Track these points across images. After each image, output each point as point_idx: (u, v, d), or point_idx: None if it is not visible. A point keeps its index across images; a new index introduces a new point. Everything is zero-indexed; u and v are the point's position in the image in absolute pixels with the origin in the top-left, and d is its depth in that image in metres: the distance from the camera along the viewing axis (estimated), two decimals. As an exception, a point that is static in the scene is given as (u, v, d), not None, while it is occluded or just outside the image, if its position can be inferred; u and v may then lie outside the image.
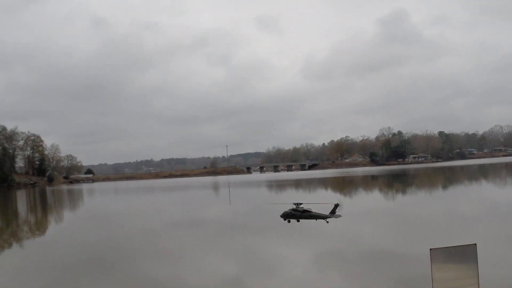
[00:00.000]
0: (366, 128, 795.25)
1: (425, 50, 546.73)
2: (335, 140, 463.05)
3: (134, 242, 33.64)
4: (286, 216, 30.47)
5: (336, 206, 30.01)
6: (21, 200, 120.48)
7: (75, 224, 53.80)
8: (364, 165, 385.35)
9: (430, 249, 14.34)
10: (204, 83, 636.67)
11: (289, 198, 75.17)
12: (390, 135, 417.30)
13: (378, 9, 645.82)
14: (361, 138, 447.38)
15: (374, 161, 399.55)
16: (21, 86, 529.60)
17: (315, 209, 31.60)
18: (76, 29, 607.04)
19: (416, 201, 61.12)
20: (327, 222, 28.91)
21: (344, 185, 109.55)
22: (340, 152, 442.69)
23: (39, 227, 51.69)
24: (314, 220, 29.71)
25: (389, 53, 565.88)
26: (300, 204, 30.93)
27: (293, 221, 31.15)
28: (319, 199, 68.13)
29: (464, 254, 15.06)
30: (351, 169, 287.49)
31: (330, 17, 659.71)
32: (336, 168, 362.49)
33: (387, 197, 70.32)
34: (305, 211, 30.45)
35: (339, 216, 29.26)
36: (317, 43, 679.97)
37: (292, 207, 31.03)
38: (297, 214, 30.26)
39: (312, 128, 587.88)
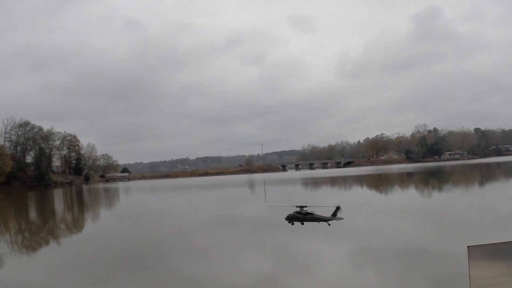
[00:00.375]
0: (400, 126, 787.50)
1: (459, 46, 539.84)
2: (370, 137, 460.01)
3: (170, 240, 33.75)
4: (290, 218, 30.70)
5: (338, 208, 30.03)
6: (58, 198, 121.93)
7: (111, 222, 54.25)
8: (400, 162, 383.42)
9: (468, 246, 14.04)
10: (238, 82, 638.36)
11: (325, 196, 75.15)
12: (426, 132, 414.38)
13: (411, 6, 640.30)
14: (396, 136, 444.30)
15: (409, 158, 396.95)
16: (57, 87, 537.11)
17: (318, 212, 31.71)
18: (110, 31, 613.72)
19: (452, 198, 60.27)
20: (329, 224, 28.96)
21: (379, 182, 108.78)
22: (375, 149, 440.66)
23: (76, 225, 52.21)
24: (343, 221, 29.40)
25: (423, 50, 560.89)
26: (304, 206, 31.22)
27: (297, 223, 31.09)
28: (354, 197, 67.96)
29: (503, 252, 14.64)
30: (387, 166, 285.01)
31: (363, 15, 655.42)
32: (371, 165, 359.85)
33: (423, 194, 69.52)
34: (307, 213, 30.69)
35: (341, 218, 29.30)
36: (351, 41, 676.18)
37: (295, 210, 31.33)
38: (300, 216, 30.49)
39: (346, 126, 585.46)
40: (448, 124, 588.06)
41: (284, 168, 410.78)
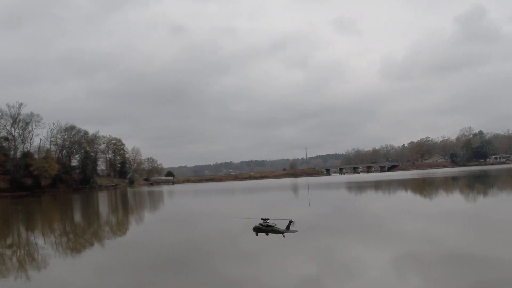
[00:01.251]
0: (446, 129, 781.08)
1: (504, 47, 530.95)
2: (415, 141, 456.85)
3: (213, 243, 33.84)
4: (256, 230, 31.61)
5: (290, 222, 30.83)
6: (103, 201, 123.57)
7: (155, 224, 54.65)
8: (445, 166, 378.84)
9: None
10: (283, 86, 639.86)
11: (369, 200, 74.55)
12: (471, 135, 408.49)
13: (455, 6, 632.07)
14: (441, 139, 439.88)
15: (454, 162, 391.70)
16: (103, 92, 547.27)
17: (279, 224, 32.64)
18: (156, 36, 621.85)
19: (498, 203, 59.16)
20: (284, 236, 29.63)
21: (424, 186, 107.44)
22: (420, 153, 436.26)
23: (120, 228, 52.79)
24: (387, 225, 29.12)
25: (469, 51, 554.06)
26: (267, 219, 32.12)
27: (262, 234, 31.49)
28: (398, 201, 67.33)
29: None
30: (431, 170, 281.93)
31: (407, 17, 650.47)
32: (416, 169, 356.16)
33: (468, 198, 68.42)
34: (268, 225, 31.59)
35: (295, 231, 29.96)
36: (396, 43, 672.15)
37: (260, 222, 32.27)
38: (263, 228, 31.39)
39: (391, 129, 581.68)
40: (494, 127, 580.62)
41: (328, 172, 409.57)
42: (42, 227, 59.57)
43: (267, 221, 34.88)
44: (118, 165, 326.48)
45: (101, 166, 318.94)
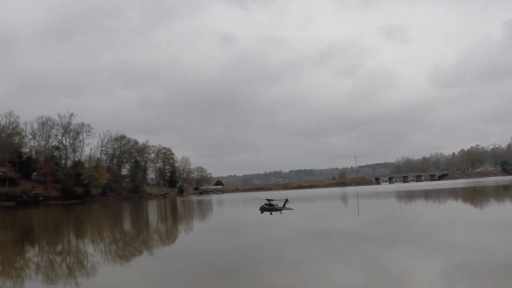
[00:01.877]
0: (497, 136, 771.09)
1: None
2: (465, 149, 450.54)
3: (262, 252, 33.72)
4: (262, 209, 36.75)
5: (286, 201, 42.44)
6: (152, 209, 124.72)
7: (204, 233, 54.80)
8: (495, 174, 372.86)
9: None
10: (332, 94, 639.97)
11: (418, 209, 73.61)
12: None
13: (504, 12, 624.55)
14: (491, 147, 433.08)
15: (505, 170, 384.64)
16: (153, 102, 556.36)
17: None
18: (204, 47, 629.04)
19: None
20: (281, 213, 33.24)
21: (474, 195, 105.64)
22: (471, 161, 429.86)
23: (169, 236, 53.07)
24: (437, 235, 28.62)
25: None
26: (272, 200, 36.36)
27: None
28: (449, 210, 66.38)
29: None
30: (482, 179, 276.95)
31: (456, 23, 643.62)
32: (466, 178, 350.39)
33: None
34: (270, 205, 35.84)
35: (290, 208, 41.64)
36: (444, 50, 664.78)
37: (265, 202, 36.88)
38: (267, 207, 35.28)
39: (441, 137, 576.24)
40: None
41: (377, 181, 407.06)
42: (91, 234, 60.33)
43: (271, 201, 38.69)
44: (168, 174, 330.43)
45: (151, 175, 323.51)
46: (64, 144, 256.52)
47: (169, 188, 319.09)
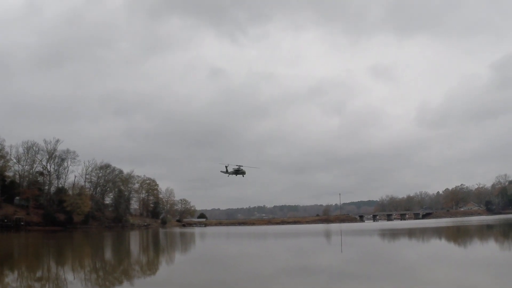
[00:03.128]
0: (482, 176, 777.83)
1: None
2: (450, 188, 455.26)
3: (244, 286, 33.62)
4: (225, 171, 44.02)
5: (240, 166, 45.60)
6: (134, 240, 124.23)
7: (186, 265, 54.52)
8: (479, 214, 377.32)
9: None
10: (319, 131, 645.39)
11: (400, 247, 73.76)
12: (507, 183, 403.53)
13: (490, 53, 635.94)
14: (476, 186, 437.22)
15: (489, 210, 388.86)
16: (140, 132, 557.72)
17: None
18: (194, 79, 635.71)
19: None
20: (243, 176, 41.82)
21: (458, 234, 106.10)
22: (455, 200, 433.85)
23: (150, 267, 52.76)
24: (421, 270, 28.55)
25: (505, 98, 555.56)
26: (241, 166, 44.36)
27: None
28: (430, 248, 66.68)
29: None
30: (466, 218, 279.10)
31: (443, 64, 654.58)
32: (450, 217, 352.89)
33: (503, 247, 66.88)
34: (237, 170, 43.23)
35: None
36: (431, 90, 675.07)
37: (234, 167, 45.14)
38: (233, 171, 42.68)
39: (426, 175, 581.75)
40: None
41: (361, 218, 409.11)
42: (72, 262, 59.86)
43: (240, 166, 45.00)
44: (151, 205, 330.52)
45: (134, 205, 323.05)
46: (49, 170, 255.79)
47: (152, 219, 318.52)
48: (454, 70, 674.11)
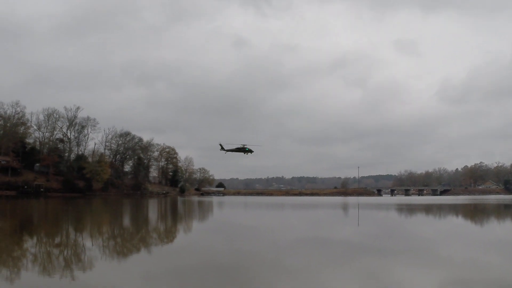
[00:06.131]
0: (501, 155, 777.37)
1: None
2: (469, 165, 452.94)
3: (261, 256, 33.56)
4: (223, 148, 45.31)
5: (244, 145, 47.57)
6: (153, 207, 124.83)
7: (203, 234, 54.71)
8: (498, 192, 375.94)
9: None
10: (340, 104, 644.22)
11: (417, 223, 73.50)
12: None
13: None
14: (495, 165, 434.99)
15: (508, 189, 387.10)
16: (162, 101, 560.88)
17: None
18: (218, 48, 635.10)
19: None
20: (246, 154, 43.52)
21: (475, 212, 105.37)
22: (473, 178, 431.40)
23: (168, 235, 52.98)
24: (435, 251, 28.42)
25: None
26: (245, 145, 45.60)
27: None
28: (446, 226, 66.31)
29: None
30: (484, 197, 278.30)
31: (468, 40, 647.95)
32: (468, 194, 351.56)
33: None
34: (237, 148, 44.37)
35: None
36: (455, 67, 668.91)
37: (238, 146, 46.27)
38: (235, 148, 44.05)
39: (445, 152, 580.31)
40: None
41: (379, 192, 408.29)
42: (91, 228, 60.33)
43: (245, 145, 46.55)
44: (170, 173, 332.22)
45: (153, 173, 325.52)
46: (69, 137, 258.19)
47: (170, 187, 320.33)
48: (478, 47, 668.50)
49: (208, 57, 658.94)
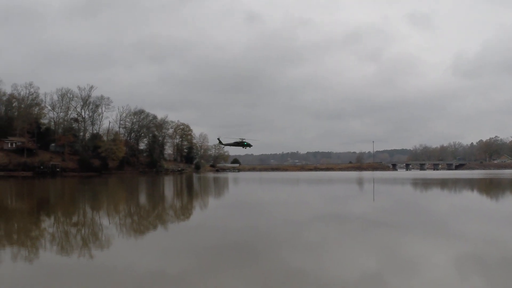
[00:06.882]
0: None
1: None
2: (484, 139, 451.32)
3: (277, 232, 33.73)
4: (221, 142, 46.49)
5: (242, 139, 48.70)
6: (168, 185, 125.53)
7: (219, 210, 55.01)
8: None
9: None
10: (354, 78, 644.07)
11: (432, 197, 73.41)
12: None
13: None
14: (510, 139, 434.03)
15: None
16: (174, 78, 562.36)
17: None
18: (230, 24, 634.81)
19: None
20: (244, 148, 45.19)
21: (491, 187, 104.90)
22: (488, 152, 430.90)
23: (184, 212, 53.35)
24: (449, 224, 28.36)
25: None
26: (244, 139, 46.43)
27: None
28: (462, 200, 66.25)
29: None
30: (499, 171, 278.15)
31: (482, 14, 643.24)
32: (483, 169, 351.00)
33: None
34: (237, 142, 45.11)
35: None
36: (468, 40, 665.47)
37: (236, 140, 47.26)
38: (233, 142, 44.38)
39: (460, 126, 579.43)
40: None
41: (394, 167, 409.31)
42: (107, 207, 60.76)
43: (244, 140, 47.10)
44: (185, 150, 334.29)
45: (168, 150, 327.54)
46: (83, 116, 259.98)
47: (186, 164, 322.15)
48: (492, 20, 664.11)
49: (220, 33, 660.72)
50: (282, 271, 21.40)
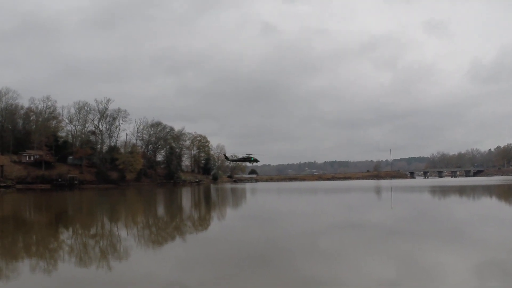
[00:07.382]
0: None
1: None
2: (502, 145, 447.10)
3: (294, 242, 33.72)
4: (227, 157, 47.15)
5: (249, 155, 49.83)
6: (186, 196, 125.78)
7: (237, 221, 55.06)
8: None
9: None
10: (370, 86, 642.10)
11: (451, 205, 73.06)
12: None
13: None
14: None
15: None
16: (192, 90, 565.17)
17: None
18: (246, 36, 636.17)
19: None
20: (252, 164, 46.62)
21: (510, 193, 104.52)
22: (507, 158, 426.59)
23: (202, 223, 53.49)
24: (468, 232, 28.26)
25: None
26: (250, 155, 47.96)
27: None
28: (481, 207, 65.91)
29: None
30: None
31: (497, 19, 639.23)
32: (502, 175, 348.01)
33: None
34: (244, 158, 46.60)
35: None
36: (485, 46, 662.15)
37: (243, 156, 48.27)
38: (238, 159, 45.61)
39: (477, 133, 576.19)
40: None
41: (412, 175, 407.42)
42: (125, 219, 61.08)
43: (250, 155, 48.50)
44: (203, 161, 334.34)
45: (186, 162, 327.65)
46: (100, 129, 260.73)
47: (203, 175, 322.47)
48: (509, 26, 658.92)
49: (237, 44, 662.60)
50: (299, 281, 21.40)
